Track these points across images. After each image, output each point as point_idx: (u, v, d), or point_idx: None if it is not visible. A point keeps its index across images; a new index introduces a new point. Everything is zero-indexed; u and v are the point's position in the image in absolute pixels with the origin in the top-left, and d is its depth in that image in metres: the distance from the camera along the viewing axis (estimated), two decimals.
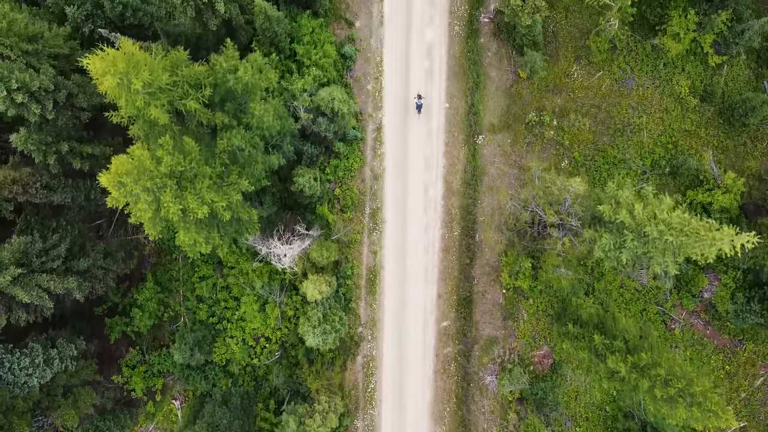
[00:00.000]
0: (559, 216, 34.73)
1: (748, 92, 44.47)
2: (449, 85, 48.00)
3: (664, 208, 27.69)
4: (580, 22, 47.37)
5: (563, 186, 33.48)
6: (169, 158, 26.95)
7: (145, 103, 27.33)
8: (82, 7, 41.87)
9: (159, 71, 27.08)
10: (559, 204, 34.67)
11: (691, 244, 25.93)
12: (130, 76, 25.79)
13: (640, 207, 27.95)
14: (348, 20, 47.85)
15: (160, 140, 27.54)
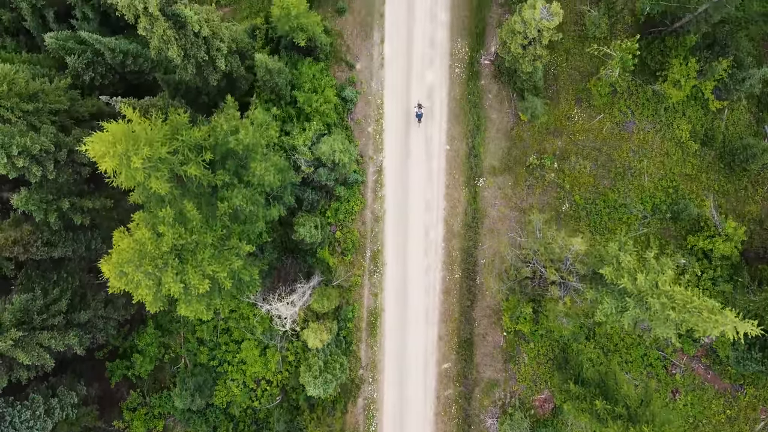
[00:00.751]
0: (560, 274, 34.71)
1: (748, 138, 44.47)
2: (450, 127, 47.98)
3: (666, 279, 27.66)
4: (581, 65, 47.36)
5: (564, 245, 33.46)
6: (170, 233, 26.93)
7: (146, 176, 27.31)
8: (83, 55, 42.00)
9: (158, 145, 27.04)
10: (560, 261, 34.64)
11: (693, 321, 25.93)
12: (129, 154, 25.77)
13: (642, 277, 27.91)
14: (349, 63, 47.83)
15: (160, 212, 27.52)
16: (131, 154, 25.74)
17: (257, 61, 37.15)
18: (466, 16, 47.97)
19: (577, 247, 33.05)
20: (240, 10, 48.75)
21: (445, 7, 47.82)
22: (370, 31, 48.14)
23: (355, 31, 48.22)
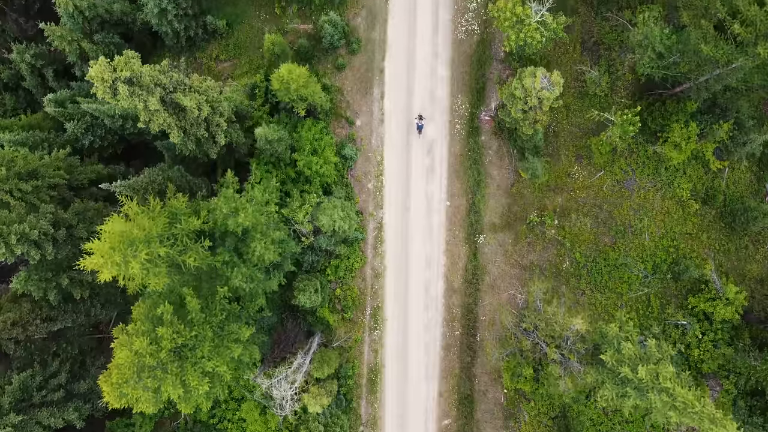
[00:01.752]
0: (561, 352, 34.63)
1: (749, 199, 44.40)
2: (450, 183, 47.88)
3: (668, 375, 27.56)
4: (581, 122, 47.25)
5: (564, 323, 33.36)
6: (169, 334, 26.81)
7: (144, 274, 27.22)
8: (82, 120, 41.91)
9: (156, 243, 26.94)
10: (560, 339, 34.55)
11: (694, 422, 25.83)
12: (128, 259, 25.67)
13: (643, 370, 27.81)
14: (349, 119, 47.73)
15: (159, 309, 27.43)
16: (129, 258, 25.65)
17: (257, 134, 37.05)
18: (466, 72, 47.85)
19: (577, 327, 32.95)
20: (240, 65, 48.63)
21: (445, 63, 47.71)
22: (370, 86, 48.03)
23: (355, 86, 48.11)
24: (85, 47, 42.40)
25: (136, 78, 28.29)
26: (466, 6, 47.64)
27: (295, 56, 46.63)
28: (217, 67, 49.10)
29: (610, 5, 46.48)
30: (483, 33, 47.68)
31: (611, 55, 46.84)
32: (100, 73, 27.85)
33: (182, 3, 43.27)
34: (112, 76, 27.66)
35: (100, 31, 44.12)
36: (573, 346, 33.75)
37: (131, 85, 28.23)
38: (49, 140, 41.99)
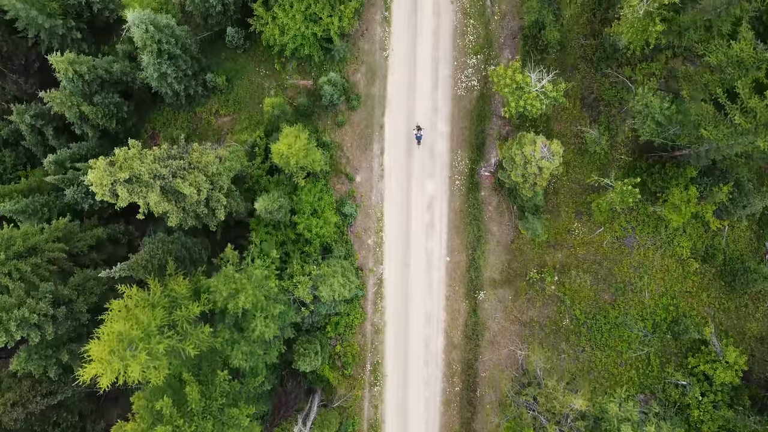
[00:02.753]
0: (561, 429, 34.67)
1: (750, 260, 44.40)
2: (450, 239, 47.88)
3: None
4: (581, 178, 47.23)
5: (565, 402, 33.39)
6: None
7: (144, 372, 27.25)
8: (81, 184, 41.87)
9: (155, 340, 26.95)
10: (560, 415, 34.58)
11: None
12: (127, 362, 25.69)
13: None
14: (349, 175, 47.74)
15: (157, 404, 27.45)
16: (129, 360, 25.68)
17: (258, 208, 37.05)
18: (466, 127, 47.86)
19: (578, 406, 32.97)
20: (239, 121, 48.63)
21: (444, 118, 47.73)
22: (370, 142, 48.06)
23: (355, 142, 48.13)
24: (85, 110, 42.37)
25: (135, 176, 28.31)
26: (466, 62, 47.66)
27: (295, 113, 46.64)
28: (216, 122, 49.10)
29: (609, 62, 46.47)
30: (483, 89, 47.68)
31: (611, 111, 46.86)
32: (99, 179, 27.85)
33: (182, 65, 43.28)
34: (110, 179, 27.66)
35: (100, 92, 44.12)
36: (573, 423, 33.77)
37: (131, 183, 28.25)
38: (49, 204, 42.00)
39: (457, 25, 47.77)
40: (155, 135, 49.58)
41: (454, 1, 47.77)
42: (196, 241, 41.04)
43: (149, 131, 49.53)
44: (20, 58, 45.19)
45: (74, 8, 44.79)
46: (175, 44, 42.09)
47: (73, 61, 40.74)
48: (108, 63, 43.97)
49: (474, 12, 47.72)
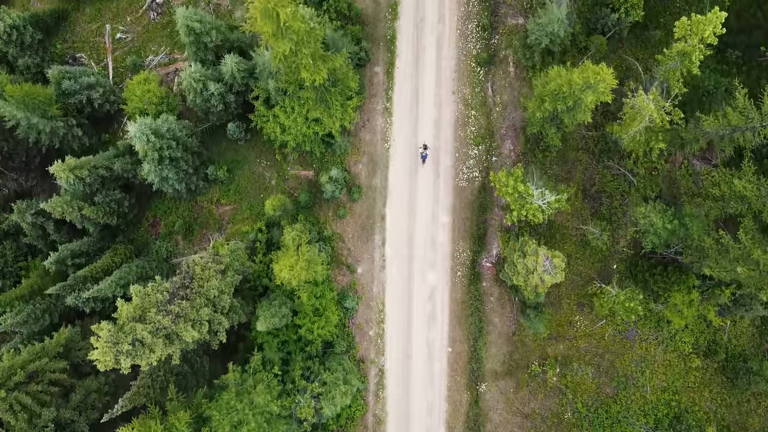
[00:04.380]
0: None
1: (752, 360, 44.33)
2: (451, 330, 47.82)
3: None
4: (582, 270, 47.21)
5: None
6: None
7: None
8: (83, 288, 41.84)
9: None
10: None
11: None
12: None
13: None
14: (350, 267, 47.67)
15: None
16: None
17: (259, 328, 37.07)
18: (467, 218, 47.78)
19: None
20: (240, 210, 48.54)
21: (446, 209, 47.66)
22: (372, 233, 47.98)
23: (357, 233, 48.06)
24: (86, 212, 42.27)
25: (137, 340, 28.30)
26: (467, 153, 47.60)
27: (296, 207, 46.60)
28: (217, 210, 49.03)
29: (611, 155, 46.43)
30: (484, 180, 47.61)
31: (613, 203, 46.82)
32: (102, 355, 27.81)
33: (183, 165, 43.23)
34: (113, 350, 27.63)
35: (101, 190, 44.07)
36: None
37: (133, 347, 28.26)
38: (50, 310, 41.97)
39: (459, 116, 47.70)
40: (156, 222, 49.52)
41: (456, 92, 47.71)
42: (197, 350, 40.99)
43: (150, 219, 49.46)
44: (21, 155, 45.13)
45: (75, 106, 44.72)
46: (176, 146, 42.06)
47: (74, 166, 40.64)
48: (109, 159, 43.86)
49: (475, 103, 47.64)
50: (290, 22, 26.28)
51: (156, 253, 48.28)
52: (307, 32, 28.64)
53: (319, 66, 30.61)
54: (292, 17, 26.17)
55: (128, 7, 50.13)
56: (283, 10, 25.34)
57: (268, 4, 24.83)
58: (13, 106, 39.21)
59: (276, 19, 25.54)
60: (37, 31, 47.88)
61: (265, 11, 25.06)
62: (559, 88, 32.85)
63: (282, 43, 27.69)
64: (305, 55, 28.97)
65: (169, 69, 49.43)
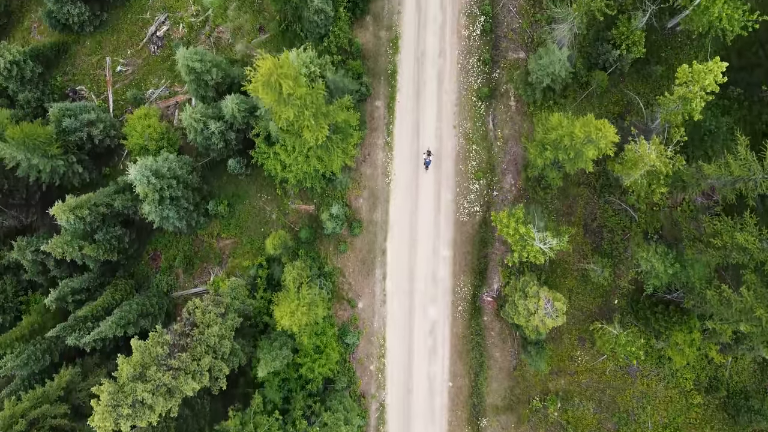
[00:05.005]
0: None
1: (754, 397, 44.25)
2: (452, 364, 47.73)
3: None
4: (584, 305, 47.13)
5: None
6: None
7: None
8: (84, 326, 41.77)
9: None
10: None
11: None
12: None
13: None
14: (351, 301, 47.60)
15: None
16: None
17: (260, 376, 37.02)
18: (468, 252, 47.70)
19: None
20: (241, 245, 48.45)
21: (447, 243, 47.57)
22: (372, 268, 47.90)
23: (357, 268, 47.98)
24: (87, 251, 42.19)
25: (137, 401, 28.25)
26: (468, 187, 47.52)
27: (297, 243, 46.53)
28: (218, 244, 48.96)
29: (612, 190, 46.33)
30: (485, 214, 47.54)
31: (614, 238, 46.71)
32: (102, 420, 27.73)
33: (183, 203, 43.17)
34: (113, 414, 27.54)
35: (102, 227, 43.97)
36: None
37: (133, 408, 28.21)
38: (51, 349, 41.92)
39: (460, 150, 47.61)
40: (157, 256, 49.45)
41: (457, 126, 47.63)
42: (198, 392, 40.89)
43: (150, 252, 49.40)
44: (21, 192, 45.07)
45: (75, 143, 44.65)
46: (177, 185, 42.02)
47: (75, 206, 40.58)
48: (109, 196, 43.80)
49: (476, 137, 47.57)
50: (293, 91, 26.15)
51: (156, 287, 48.24)
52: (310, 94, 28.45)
53: (321, 123, 30.49)
54: (295, 86, 26.03)
55: (128, 40, 50.03)
56: (285, 81, 25.21)
57: (271, 78, 24.75)
58: (13, 148, 39.14)
59: (279, 89, 25.44)
60: (37, 64, 47.84)
61: (268, 83, 24.96)
62: (560, 138, 32.76)
63: (285, 109, 27.55)
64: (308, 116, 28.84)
65: (169, 102, 49.35)
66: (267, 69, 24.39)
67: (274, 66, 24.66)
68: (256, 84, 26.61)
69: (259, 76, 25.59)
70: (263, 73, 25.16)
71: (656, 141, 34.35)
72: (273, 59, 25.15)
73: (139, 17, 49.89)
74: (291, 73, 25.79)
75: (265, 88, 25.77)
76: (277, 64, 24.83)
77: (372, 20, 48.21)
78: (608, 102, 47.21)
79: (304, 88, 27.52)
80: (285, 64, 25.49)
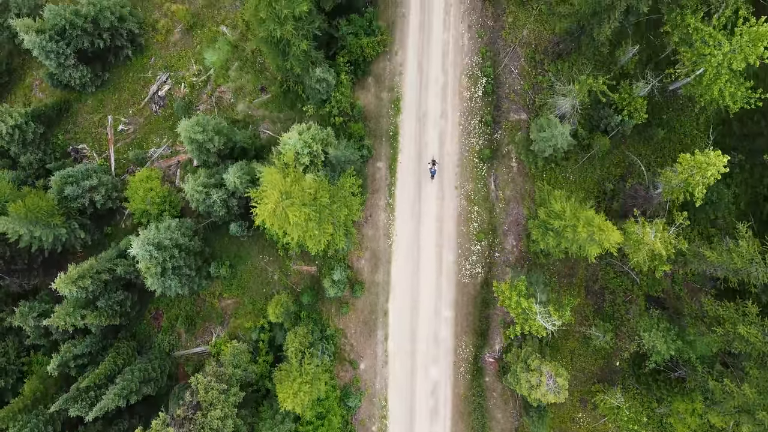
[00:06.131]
0: None
1: None
2: (454, 425, 47.75)
3: None
4: (585, 366, 47.18)
5: None
6: None
7: None
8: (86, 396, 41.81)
9: None
10: None
11: None
12: None
13: None
14: (353, 363, 47.63)
15: None
16: None
17: None
18: (469, 312, 47.73)
19: None
20: (243, 305, 48.45)
21: (448, 304, 47.60)
22: (374, 328, 47.92)
23: (359, 329, 48.00)
24: (89, 320, 42.20)
25: None
26: (470, 249, 47.53)
27: (299, 306, 46.56)
28: (219, 304, 48.98)
29: None
30: (487, 275, 47.57)
31: (616, 300, 46.76)
32: None
33: (185, 271, 43.18)
34: None
35: (104, 294, 43.96)
36: None
37: None
38: (53, 420, 41.96)
39: (462, 211, 47.64)
40: (159, 315, 49.47)
41: (458, 187, 47.65)
42: None
43: (152, 311, 49.41)
44: (23, 257, 45.04)
45: (77, 209, 44.65)
46: (179, 254, 42.04)
47: (77, 278, 40.59)
48: (111, 261, 43.87)
49: (478, 198, 47.58)
50: (300, 218, 26.14)
51: (158, 346, 48.27)
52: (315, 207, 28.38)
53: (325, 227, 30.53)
54: (301, 214, 25.97)
55: (130, 99, 50.04)
56: (292, 211, 25.22)
57: (277, 210, 24.77)
58: (16, 223, 39.18)
59: (285, 218, 25.45)
60: (39, 125, 47.85)
61: (274, 214, 24.98)
62: (563, 228, 32.79)
63: (293, 232, 27.47)
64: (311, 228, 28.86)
65: (171, 162, 49.38)
66: (274, 202, 24.40)
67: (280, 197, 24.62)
68: (261, 215, 26.56)
69: (262, 207, 25.56)
70: (270, 207, 25.14)
71: (659, 226, 34.40)
72: (278, 196, 24.99)
73: (140, 76, 49.90)
74: (297, 207, 25.76)
75: (272, 218, 25.80)
76: (283, 197, 24.69)
77: (374, 81, 48.24)
78: (610, 164, 47.27)
79: (309, 209, 27.53)
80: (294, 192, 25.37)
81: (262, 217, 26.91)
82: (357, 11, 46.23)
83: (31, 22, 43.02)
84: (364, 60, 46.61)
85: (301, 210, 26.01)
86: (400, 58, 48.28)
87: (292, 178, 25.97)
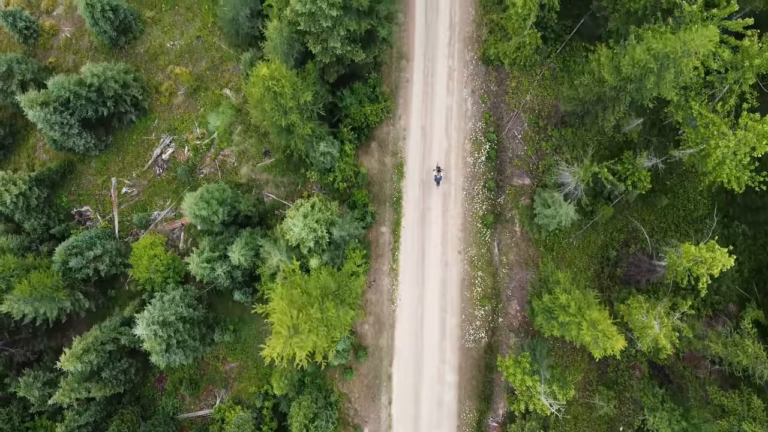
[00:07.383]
0: None
1: None
2: None
3: None
4: (588, 429, 47.20)
5: None
6: None
7: None
8: None
9: None
10: None
11: None
12: None
13: None
14: (356, 427, 47.68)
15: None
16: None
17: None
18: (473, 377, 47.78)
19: None
20: (247, 369, 48.54)
21: (452, 368, 47.64)
22: (378, 393, 47.98)
23: (363, 393, 48.05)
24: (95, 392, 42.28)
25: None
26: (474, 313, 47.58)
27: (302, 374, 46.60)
28: (223, 367, 49.04)
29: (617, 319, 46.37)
30: (491, 340, 47.63)
31: (619, 365, 46.75)
32: None
33: (190, 343, 43.22)
34: None
35: (108, 363, 44.03)
36: None
37: None
38: None
39: (465, 276, 47.68)
40: (162, 378, 49.52)
41: (462, 252, 47.70)
42: None
43: (156, 374, 49.45)
44: (28, 328, 45.11)
45: (81, 278, 44.72)
46: (183, 327, 42.11)
47: (82, 353, 40.68)
48: (115, 330, 43.97)
49: (481, 263, 47.63)
50: (309, 328, 26.29)
51: (162, 410, 48.34)
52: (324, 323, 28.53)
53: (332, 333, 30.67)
54: (309, 325, 26.18)
55: (134, 161, 50.09)
56: (300, 350, 25.37)
57: (286, 350, 24.89)
58: (21, 302, 39.24)
59: (293, 354, 25.61)
60: (42, 189, 47.90)
61: (284, 348, 25.15)
62: (567, 323, 32.85)
63: (300, 355, 27.56)
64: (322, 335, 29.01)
65: (174, 225, 49.43)
66: (281, 345, 24.58)
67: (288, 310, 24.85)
68: (270, 353, 26.58)
69: (271, 347, 25.72)
70: (278, 344, 25.30)
71: (663, 311, 34.44)
72: (285, 306, 25.23)
73: (144, 138, 49.96)
74: (306, 346, 25.90)
75: (278, 358, 25.95)
76: (290, 307, 24.98)
77: (377, 146, 48.30)
78: (613, 229, 47.34)
79: (317, 334, 27.70)
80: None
81: (270, 352, 27.09)
82: (360, 78, 46.28)
83: (35, 95, 43.05)
84: (368, 126, 46.67)
85: (309, 337, 26.17)
86: (403, 123, 48.35)
87: (298, 293, 26.10)
